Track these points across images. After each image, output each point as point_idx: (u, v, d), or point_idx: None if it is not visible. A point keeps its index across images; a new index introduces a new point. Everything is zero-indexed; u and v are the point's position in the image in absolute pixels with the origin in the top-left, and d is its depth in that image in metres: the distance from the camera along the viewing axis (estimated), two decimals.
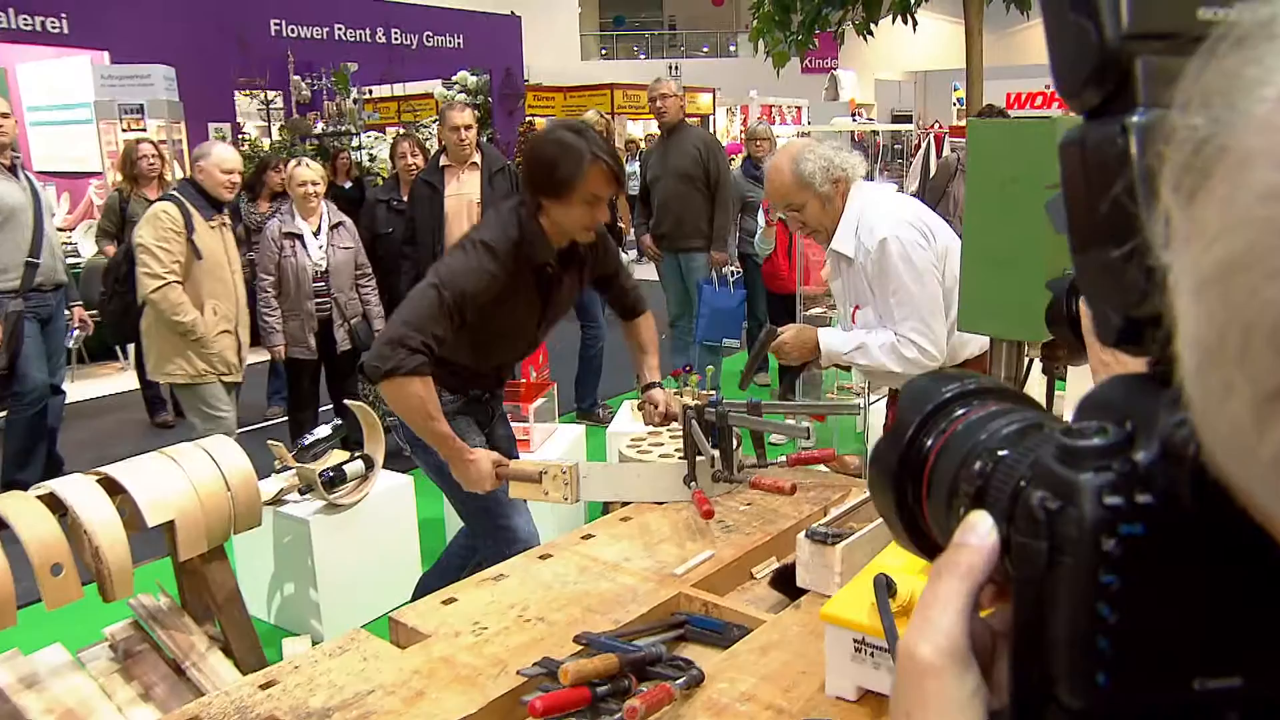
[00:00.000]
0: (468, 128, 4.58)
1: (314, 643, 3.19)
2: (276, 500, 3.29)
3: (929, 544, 0.45)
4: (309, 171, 4.47)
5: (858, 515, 1.94)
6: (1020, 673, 0.34)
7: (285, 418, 5.86)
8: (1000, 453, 0.40)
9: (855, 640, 1.42)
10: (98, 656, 2.71)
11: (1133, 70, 0.32)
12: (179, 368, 3.87)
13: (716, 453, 2.18)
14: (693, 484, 2.20)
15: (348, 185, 6.64)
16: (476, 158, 4.67)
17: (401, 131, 6.58)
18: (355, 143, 9.35)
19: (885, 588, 1.01)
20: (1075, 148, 0.36)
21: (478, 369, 2.55)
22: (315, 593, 3.26)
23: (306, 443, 3.47)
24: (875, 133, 5.48)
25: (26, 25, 7.97)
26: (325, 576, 3.25)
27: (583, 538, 2.09)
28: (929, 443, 0.44)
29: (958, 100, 14.65)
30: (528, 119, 10.42)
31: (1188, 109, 0.28)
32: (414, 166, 4.95)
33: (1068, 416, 0.38)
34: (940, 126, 8.53)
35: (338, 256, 4.53)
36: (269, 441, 3.56)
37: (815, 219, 2.51)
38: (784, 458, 2.37)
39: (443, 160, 4.70)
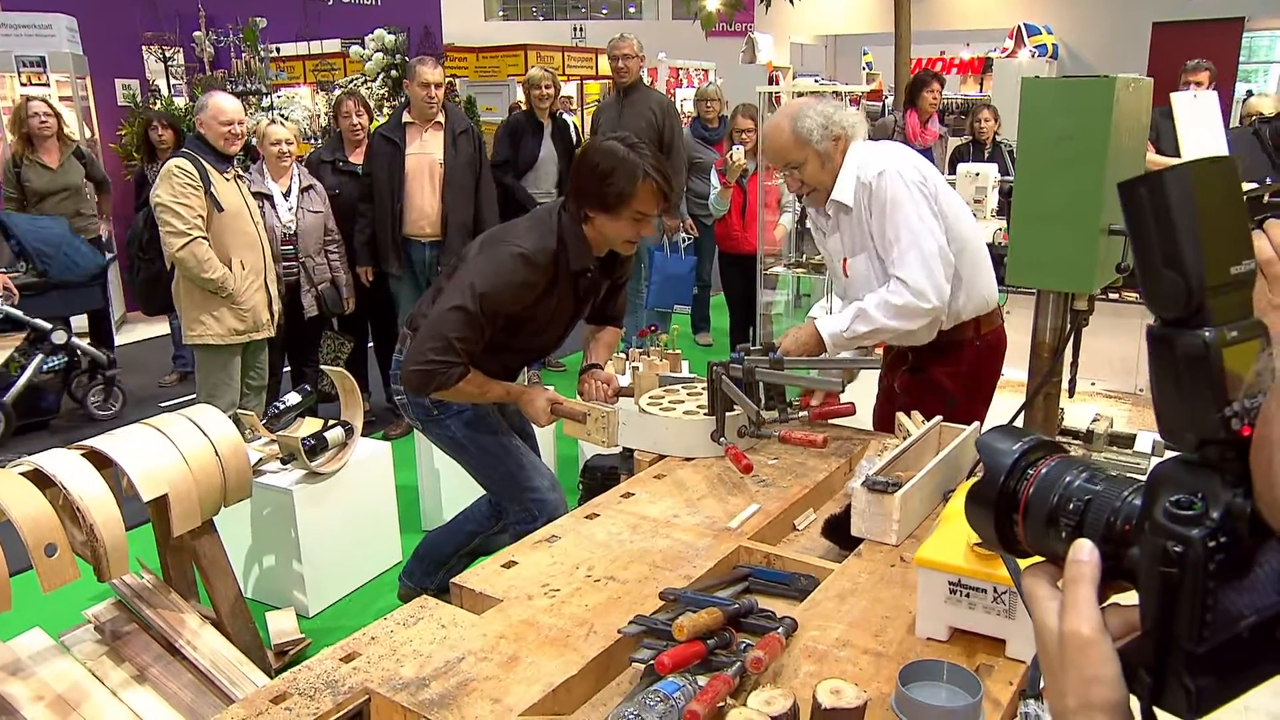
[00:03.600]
0: (437, 85, 4.44)
1: (299, 616, 3.10)
2: (255, 471, 3.15)
3: (1019, 551, 0.70)
4: (282, 130, 4.27)
5: (899, 464, 1.98)
6: (1160, 634, 0.58)
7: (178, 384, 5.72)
8: (1086, 497, 0.65)
9: (951, 583, 1.45)
10: (82, 640, 2.56)
11: (1204, 302, 0.56)
12: (208, 329, 3.76)
13: (758, 407, 2.18)
14: (722, 439, 2.21)
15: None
16: (440, 117, 4.53)
17: (345, 90, 6.30)
18: (266, 102, 8.94)
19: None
20: (1166, 348, 0.58)
21: (504, 365, 2.57)
22: (299, 564, 3.14)
23: (277, 410, 3.35)
24: (837, 94, 5.48)
25: None
26: (309, 547, 3.14)
27: (623, 496, 2.07)
28: (1018, 486, 0.68)
29: (867, 65, 14.94)
30: (447, 79, 10.13)
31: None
32: (358, 127, 4.77)
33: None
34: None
35: (307, 220, 4.36)
36: (240, 412, 3.42)
37: (814, 177, 2.44)
38: (805, 413, 2.39)
39: (405, 116, 4.54)
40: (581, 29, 19.95)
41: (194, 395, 3.97)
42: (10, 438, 4.83)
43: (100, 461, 2.35)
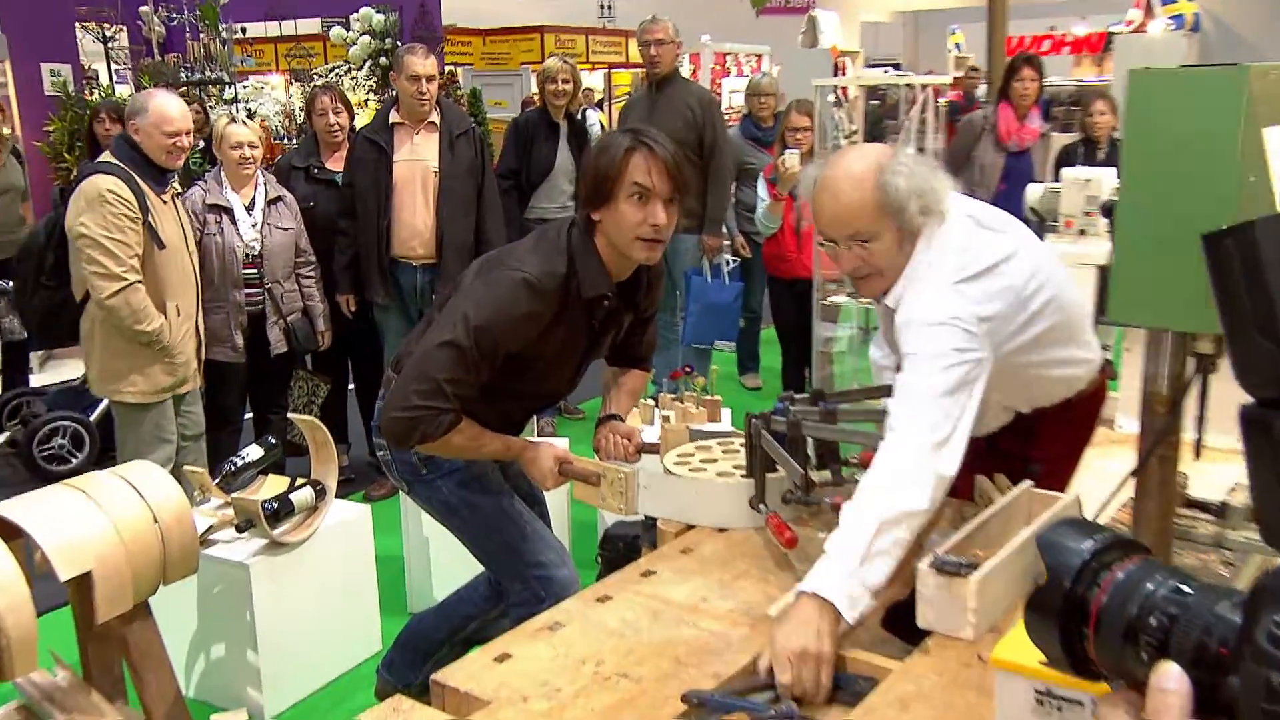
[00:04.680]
0: (429, 79, 4.49)
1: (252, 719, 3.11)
2: (203, 540, 3.18)
3: (1090, 672, 0.71)
4: (243, 131, 4.34)
5: (977, 539, 1.97)
6: None
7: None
8: (1170, 611, 0.64)
9: (1038, 691, 1.44)
10: None
11: None
12: (133, 385, 3.76)
13: (806, 469, 2.19)
14: (763, 507, 2.21)
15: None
16: (435, 117, 4.61)
17: (322, 83, 6.44)
18: (229, 93, 9.10)
19: None
20: (1264, 433, 0.60)
21: (504, 414, 2.59)
22: (255, 655, 3.17)
23: (234, 467, 3.38)
24: (910, 86, 5.50)
25: None
26: (267, 634, 3.17)
27: (642, 575, 2.09)
28: (1088, 593, 0.69)
29: (955, 46, 14.96)
30: (447, 68, 10.29)
31: None
32: (336, 126, 4.86)
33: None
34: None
35: (275, 238, 4.42)
36: (186, 468, 3.47)
37: (886, 259, 2.12)
38: (861, 471, 2.37)
39: (393, 116, 4.63)
40: (609, 6, 20.24)
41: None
42: None
43: (7, 531, 2.33)
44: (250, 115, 8.42)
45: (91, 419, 5.26)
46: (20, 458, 5.24)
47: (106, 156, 3.80)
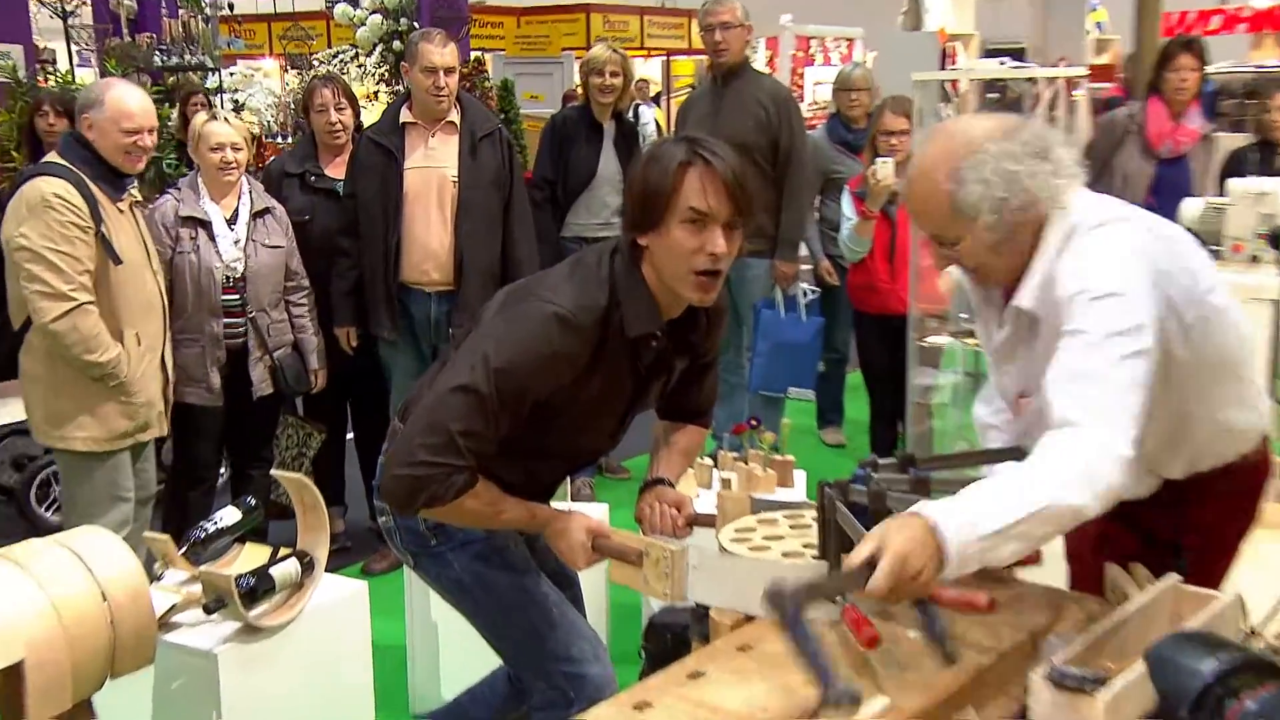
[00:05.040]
0: (449, 71, 4.54)
1: None
2: (163, 623, 3.20)
3: None
4: (224, 129, 4.38)
5: (1107, 647, 1.94)
6: None
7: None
8: None
9: None
10: None
11: None
12: (82, 429, 3.79)
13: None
14: (839, 597, 2.17)
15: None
16: (455, 115, 4.65)
17: (318, 74, 6.56)
18: (213, 82, 9.26)
19: None
20: None
21: (529, 474, 2.62)
22: None
23: (205, 533, 3.40)
24: (1032, 80, 5.48)
25: None
26: None
27: (689, 676, 2.07)
28: None
29: (1096, 26, 14.80)
30: (473, 55, 10.44)
31: None
32: (338, 126, 4.94)
33: None
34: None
35: (261, 258, 4.46)
36: (147, 535, 3.49)
37: (976, 259, 2.28)
38: None
39: (404, 114, 4.67)
40: None
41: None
42: None
43: None
44: (237, 109, 8.57)
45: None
46: (15, 506, 5.30)
47: (53, 156, 3.86)
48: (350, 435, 5.21)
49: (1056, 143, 2.24)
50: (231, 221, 4.45)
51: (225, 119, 4.53)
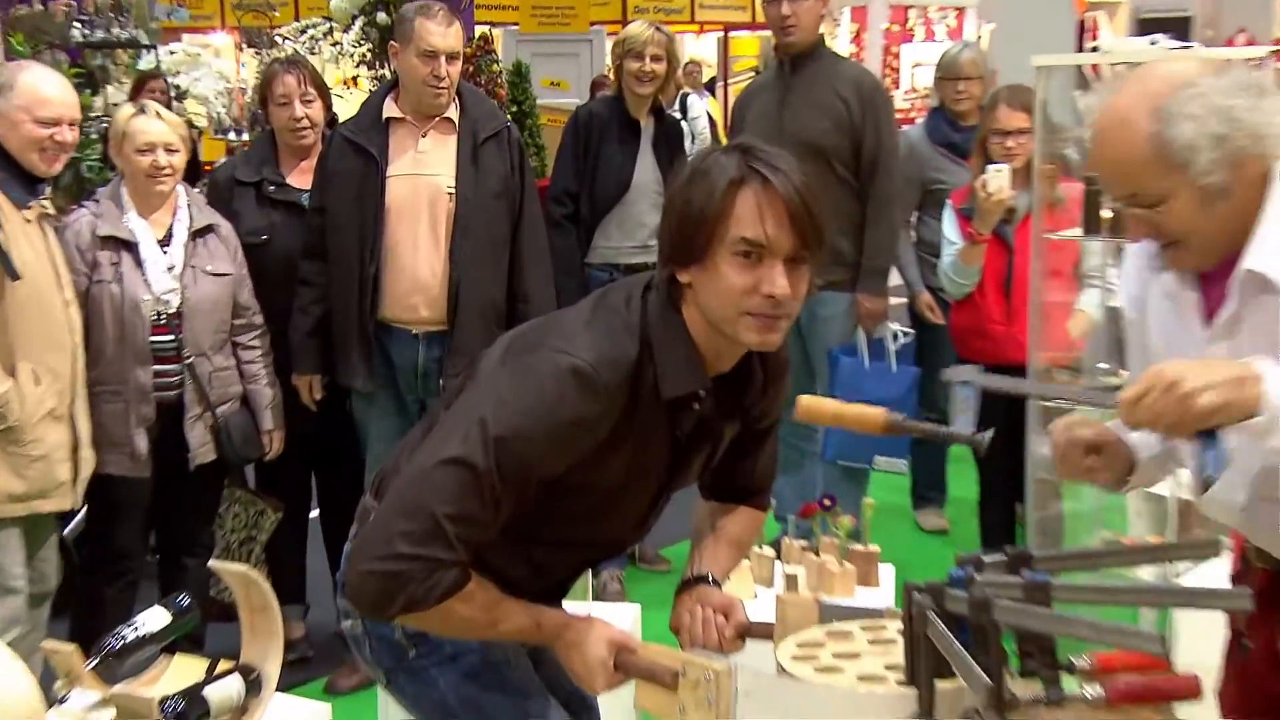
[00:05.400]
0: (452, 57, 4.56)
1: None
2: None
3: None
4: (156, 126, 4.37)
5: None
6: None
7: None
8: None
9: None
10: None
11: None
12: None
13: (1001, 675, 2.11)
14: None
15: None
16: (453, 110, 4.70)
17: (279, 57, 6.55)
18: (147, 62, 9.29)
19: None
20: None
21: (537, 569, 2.64)
22: None
23: (124, 642, 3.34)
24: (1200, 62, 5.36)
25: None
26: None
27: None
28: None
29: None
30: (477, 31, 10.44)
31: None
32: (304, 122, 4.94)
33: None
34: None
35: (202, 289, 4.47)
36: (46, 643, 3.45)
37: (1187, 222, 2.33)
38: (1097, 687, 2.22)
39: (389, 108, 4.69)
40: None
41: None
42: None
43: None
44: (178, 97, 8.59)
45: (65, 533, 5.16)
46: None
47: None
48: (314, 514, 5.22)
49: (1273, 87, 2.30)
50: (164, 243, 4.47)
51: (157, 112, 4.52)
